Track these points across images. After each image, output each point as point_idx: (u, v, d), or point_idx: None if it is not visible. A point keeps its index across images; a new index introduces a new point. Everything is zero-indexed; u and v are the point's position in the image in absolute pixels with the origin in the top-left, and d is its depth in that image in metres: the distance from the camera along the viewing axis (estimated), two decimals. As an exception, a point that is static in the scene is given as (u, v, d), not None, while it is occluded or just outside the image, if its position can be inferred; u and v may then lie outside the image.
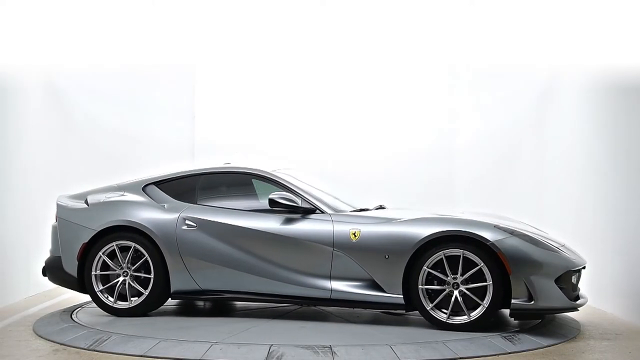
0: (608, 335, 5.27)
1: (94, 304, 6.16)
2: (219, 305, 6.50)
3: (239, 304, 6.54)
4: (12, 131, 7.05)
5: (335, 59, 9.46)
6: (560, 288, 5.05)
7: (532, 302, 4.97)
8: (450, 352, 4.53)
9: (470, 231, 5.10)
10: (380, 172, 9.13)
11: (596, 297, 6.53)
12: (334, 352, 4.49)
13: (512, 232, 5.14)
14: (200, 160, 8.95)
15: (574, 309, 5.19)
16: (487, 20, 8.99)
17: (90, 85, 8.71)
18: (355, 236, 5.42)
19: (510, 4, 8.62)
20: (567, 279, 5.16)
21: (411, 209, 6.32)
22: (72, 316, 5.86)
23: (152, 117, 9.09)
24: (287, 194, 5.67)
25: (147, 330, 5.24)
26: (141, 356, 4.51)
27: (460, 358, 4.44)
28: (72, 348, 4.77)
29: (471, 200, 8.98)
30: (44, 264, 6.39)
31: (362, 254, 5.38)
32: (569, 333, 5.25)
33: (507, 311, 5.51)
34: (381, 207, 6.25)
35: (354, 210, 5.85)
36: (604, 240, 6.44)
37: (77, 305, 6.48)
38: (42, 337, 5.14)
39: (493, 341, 4.81)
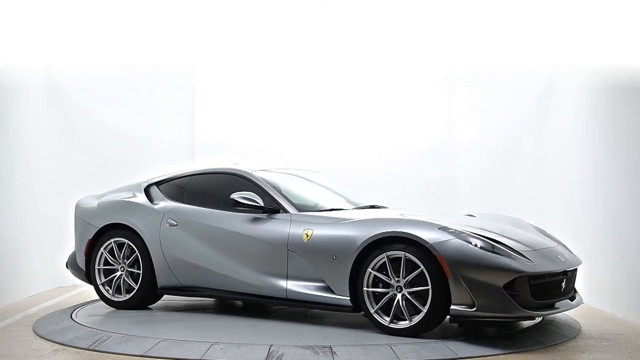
0: (608, 335, 5.27)
1: (93, 304, 6.47)
2: (252, 306, 6.51)
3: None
4: (13, 130, 7.05)
5: (336, 59, 9.46)
6: (513, 294, 4.67)
7: (474, 309, 4.65)
8: (451, 352, 4.53)
9: (410, 232, 4.86)
10: (380, 172, 9.14)
11: (596, 297, 6.53)
12: (334, 352, 4.49)
13: (458, 234, 4.82)
14: (202, 160, 8.97)
15: (530, 317, 4.81)
16: (487, 20, 8.99)
17: (91, 85, 8.70)
18: (307, 236, 5.38)
19: (510, 4, 8.62)
20: (521, 285, 4.72)
21: (405, 208, 6.36)
22: (72, 316, 5.86)
23: (152, 117, 9.09)
24: (250, 193, 5.69)
25: (147, 330, 5.24)
26: (141, 356, 4.51)
27: (461, 358, 4.44)
28: (72, 348, 4.77)
29: (471, 200, 8.98)
30: (67, 259, 6.89)
31: (313, 254, 5.31)
32: (569, 333, 5.25)
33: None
34: (373, 207, 6.19)
35: (322, 210, 5.78)
36: (603, 239, 6.43)
37: (77, 305, 6.49)
38: (42, 337, 5.14)
39: (493, 341, 4.81)
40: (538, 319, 5.56)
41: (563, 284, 5.13)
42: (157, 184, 6.51)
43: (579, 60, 7.10)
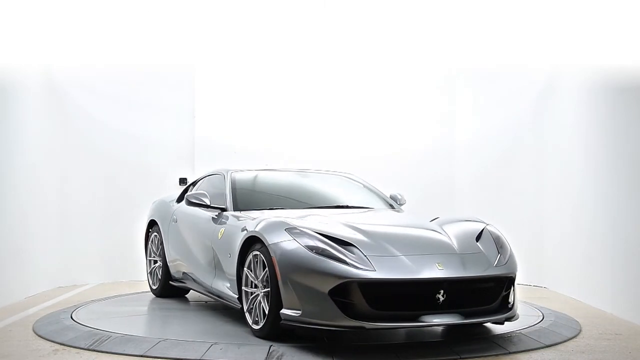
0: (608, 335, 5.27)
1: (93, 304, 6.60)
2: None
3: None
4: (13, 130, 7.05)
5: (336, 59, 9.46)
6: (345, 302, 4.34)
7: (300, 314, 4.44)
8: (451, 352, 4.53)
9: (260, 232, 4.81)
10: (380, 172, 9.10)
11: (596, 297, 6.53)
12: (334, 352, 4.49)
13: (300, 235, 4.61)
14: (203, 161, 9.01)
15: (360, 327, 4.31)
16: (488, 20, 8.99)
17: (91, 85, 8.70)
18: (221, 234, 5.56)
19: (510, 4, 8.63)
20: (353, 292, 4.33)
21: (399, 208, 6.35)
22: (72, 316, 5.86)
23: (152, 117, 9.09)
24: (201, 192, 5.92)
25: (147, 330, 5.25)
26: (141, 356, 4.51)
27: (461, 358, 4.44)
28: (72, 348, 4.77)
29: (471, 200, 8.98)
30: None
31: (220, 251, 5.53)
32: (569, 333, 5.25)
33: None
34: (346, 206, 6.07)
35: (267, 209, 5.70)
36: (603, 239, 6.43)
37: (77, 305, 6.49)
38: (42, 337, 5.13)
39: (493, 341, 4.82)
40: (537, 320, 5.55)
41: (440, 295, 4.49)
42: (193, 184, 7.01)
43: (579, 60, 7.10)
